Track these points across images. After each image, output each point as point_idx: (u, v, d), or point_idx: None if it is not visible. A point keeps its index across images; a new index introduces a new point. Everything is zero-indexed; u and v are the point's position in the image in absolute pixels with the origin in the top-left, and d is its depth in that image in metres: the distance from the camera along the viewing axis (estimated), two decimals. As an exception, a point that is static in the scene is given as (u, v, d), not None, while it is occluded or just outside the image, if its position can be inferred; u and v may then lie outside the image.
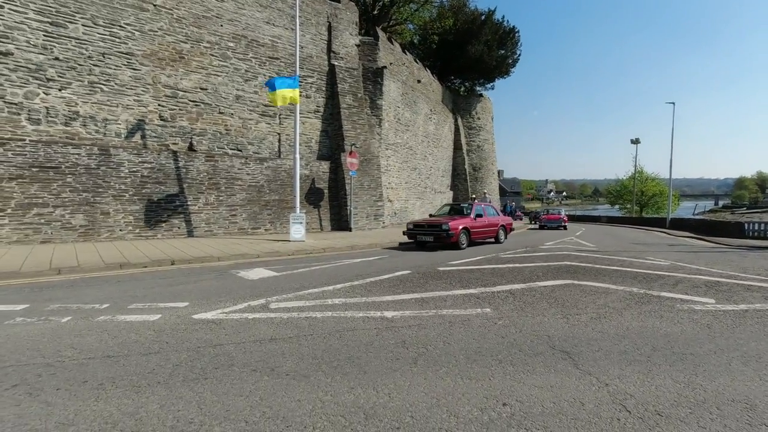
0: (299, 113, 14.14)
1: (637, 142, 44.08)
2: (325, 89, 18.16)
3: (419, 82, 27.40)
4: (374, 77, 20.52)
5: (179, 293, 5.92)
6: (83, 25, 12.10)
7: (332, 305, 5.25)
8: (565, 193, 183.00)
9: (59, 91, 11.80)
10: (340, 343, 3.84)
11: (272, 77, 13.13)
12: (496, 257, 10.41)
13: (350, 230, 16.95)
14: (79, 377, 3.03)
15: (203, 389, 2.84)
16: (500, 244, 14.34)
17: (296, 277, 7.32)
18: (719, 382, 3.03)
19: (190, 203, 13.79)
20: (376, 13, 29.46)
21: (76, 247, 10.41)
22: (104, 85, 12.52)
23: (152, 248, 10.37)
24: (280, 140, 16.60)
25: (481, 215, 13.79)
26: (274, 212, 15.78)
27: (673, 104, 31.71)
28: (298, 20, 13.90)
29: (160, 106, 13.60)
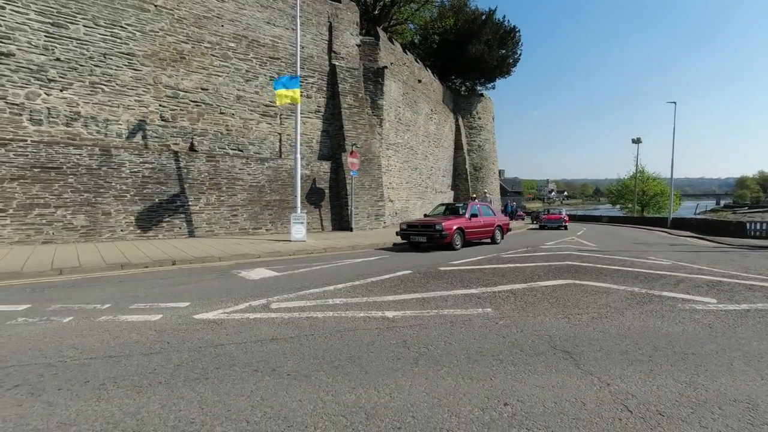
0: (300, 113, 14.15)
1: (638, 141, 44.04)
2: (325, 89, 18.16)
3: (420, 81, 27.40)
4: (375, 77, 20.52)
5: (180, 293, 5.93)
6: (84, 25, 12.12)
7: (333, 305, 5.25)
8: (566, 192, 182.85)
9: (60, 91, 11.83)
10: (341, 343, 3.84)
11: (275, 77, 13.11)
12: (497, 257, 10.41)
13: (351, 230, 16.95)
14: (80, 377, 3.04)
15: (204, 389, 2.85)
16: (497, 244, 14.05)
17: (297, 277, 7.33)
18: (721, 381, 3.03)
19: (191, 203, 13.81)
20: (376, 13, 29.45)
21: (77, 247, 10.43)
22: (105, 85, 12.55)
23: (153, 248, 10.39)
24: (281, 140, 16.61)
25: (476, 215, 13.51)
26: (275, 212, 15.80)
27: (674, 104, 31.64)
28: (298, 20, 13.91)
29: (161, 106, 13.62)
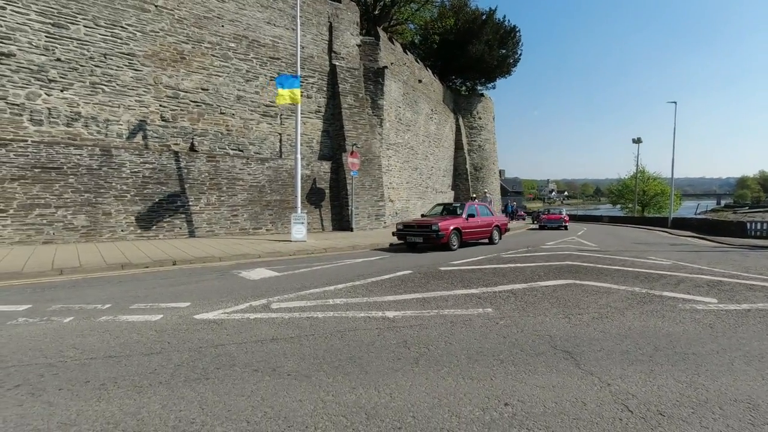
0: (300, 113, 14.14)
1: (639, 141, 43.98)
2: (326, 89, 18.16)
3: (420, 81, 27.39)
4: (375, 77, 20.52)
5: (181, 293, 5.93)
6: (85, 26, 12.13)
7: (334, 305, 5.25)
8: (566, 192, 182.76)
9: (61, 92, 11.83)
10: (341, 343, 3.84)
11: (276, 77, 13.07)
12: (497, 257, 10.40)
13: (351, 230, 16.95)
14: (81, 377, 3.04)
15: (205, 389, 2.85)
16: (495, 244, 13.87)
17: (298, 277, 7.33)
18: (722, 381, 3.02)
19: (191, 203, 13.82)
20: (377, 13, 29.44)
21: (78, 247, 10.44)
22: (106, 85, 12.55)
23: (154, 248, 10.39)
24: (281, 140, 16.62)
25: (473, 215, 13.34)
26: (275, 212, 15.80)
27: (674, 104, 31.55)
28: (299, 20, 13.92)
29: (161, 106, 13.62)
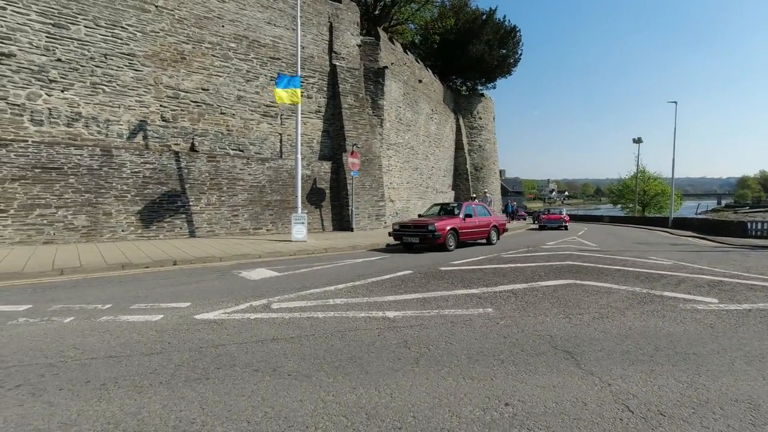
0: (301, 113, 14.14)
1: (639, 141, 43.94)
2: (326, 89, 18.16)
3: (420, 82, 27.38)
4: (375, 77, 20.52)
5: (181, 293, 5.93)
6: (85, 26, 12.14)
7: (334, 305, 5.25)
8: (567, 192, 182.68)
9: (62, 92, 11.84)
10: (342, 343, 3.84)
11: (276, 77, 13.07)
12: (497, 257, 10.40)
13: (352, 230, 16.95)
14: (81, 377, 3.04)
15: (205, 389, 2.85)
16: (493, 245, 13.66)
17: (298, 277, 7.33)
18: (722, 381, 3.02)
19: (191, 204, 13.82)
20: (377, 13, 29.43)
21: (78, 247, 10.44)
22: (106, 86, 12.56)
23: (154, 249, 10.40)
24: (281, 140, 16.62)
25: (470, 215, 13.17)
26: (275, 212, 15.80)
27: (675, 103, 31.46)
28: (299, 20, 13.91)
29: (161, 106, 13.63)
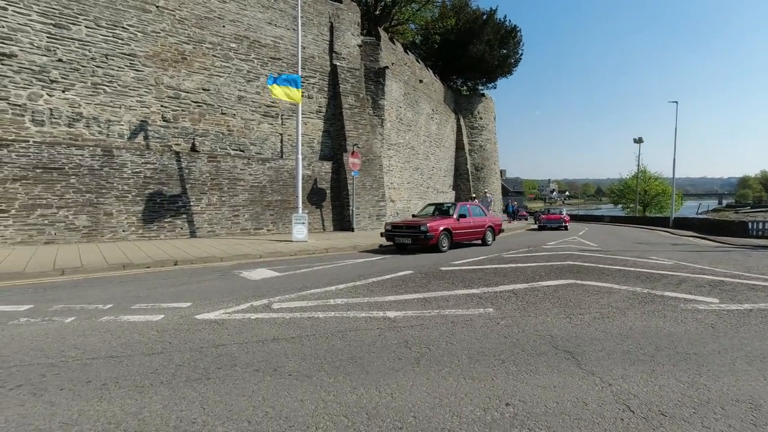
0: (301, 113, 14.13)
1: (640, 141, 43.89)
2: (327, 89, 18.17)
3: (421, 82, 27.38)
4: (376, 77, 20.52)
5: (182, 293, 5.93)
6: (86, 26, 12.15)
7: (335, 305, 5.25)
8: (567, 192, 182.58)
9: (63, 92, 11.86)
10: (342, 343, 3.84)
11: (276, 77, 13.08)
12: (498, 257, 10.40)
13: (352, 230, 16.95)
14: (82, 377, 3.04)
15: (206, 389, 2.85)
16: (488, 246, 13.39)
17: (299, 277, 7.33)
18: (723, 381, 3.02)
19: (192, 204, 13.83)
20: (377, 13, 29.43)
21: (79, 247, 10.45)
22: (107, 86, 12.57)
23: (155, 249, 10.41)
24: (282, 141, 16.63)
25: (465, 215, 12.90)
26: (276, 212, 15.81)
27: (676, 103, 31.39)
28: (300, 21, 13.92)
29: (162, 107, 13.64)
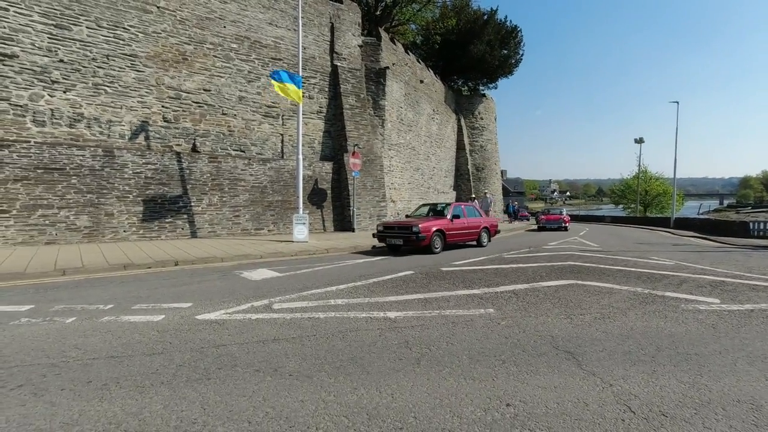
0: (302, 114, 14.14)
1: (641, 141, 43.82)
2: (327, 90, 18.18)
3: (422, 82, 27.38)
4: (377, 78, 20.52)
5: (183, 294, 5.94)
6: (87, 27, 12.17)
7: (335, 306, 5.25)
8: (568, 193, 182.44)
9: (64, 93, 11.87)
10: (343, 343, 3.84)
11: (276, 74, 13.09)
12: (499, 257, 10.39)
13: (353, 231, 16.95)
14: (83, 377, 3.05)
15: (206, 389, 2.85)
16: (483, 247, 13.07)
17: (299, 277, 7.33)
18: (724, 382, 3.01)
19: (193, 204, 13.84)
20: (378, 13, 29.44)
21: (80, 248, 10.46)
22: (108, 86, 12.59)
23: (156, 249, 10.42)
24: (282, 141, 16.63)
25: (459, 216, 12.65)
26: (277, 213, 15.81)
27: (676, 103, 31.22)
28: (300, 21, 13.93)
29: (163, 107, 13.65)
